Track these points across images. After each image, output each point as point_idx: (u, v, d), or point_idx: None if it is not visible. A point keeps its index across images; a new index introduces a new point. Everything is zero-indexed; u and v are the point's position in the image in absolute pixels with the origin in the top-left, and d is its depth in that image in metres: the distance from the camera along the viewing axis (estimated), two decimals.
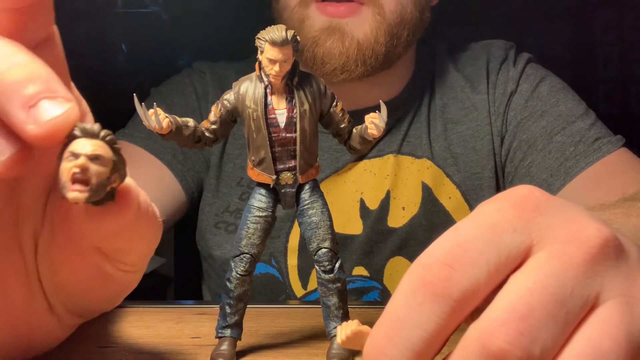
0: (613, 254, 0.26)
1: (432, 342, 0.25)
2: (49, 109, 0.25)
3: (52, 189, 0.34)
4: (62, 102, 0.25)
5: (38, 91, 0.25)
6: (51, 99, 0.25)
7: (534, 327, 0.24)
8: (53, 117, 0.25)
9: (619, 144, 0.70)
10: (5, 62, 0.26)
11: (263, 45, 0.36)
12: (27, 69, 0.25)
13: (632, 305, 0.25)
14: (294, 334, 0.45)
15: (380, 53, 0.69)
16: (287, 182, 0.39)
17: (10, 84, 0.25)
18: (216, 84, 0.80)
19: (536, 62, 0.80)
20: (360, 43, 0.67)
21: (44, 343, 0.39)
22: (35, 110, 0.25)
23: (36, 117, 0.25)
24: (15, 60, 0.26)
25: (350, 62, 0.67)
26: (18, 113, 0.25)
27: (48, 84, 0.25)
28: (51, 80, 0.26)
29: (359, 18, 0.67)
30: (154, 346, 0.43)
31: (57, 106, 0.25)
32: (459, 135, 0.76)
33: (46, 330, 0.38)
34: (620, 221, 0.42)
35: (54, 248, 0.34)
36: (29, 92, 0.25)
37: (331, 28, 0.67)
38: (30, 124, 0.25)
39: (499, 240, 0.26)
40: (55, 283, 0.35)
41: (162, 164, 0.75)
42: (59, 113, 0.25)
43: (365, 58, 0.68)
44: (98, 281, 0.35)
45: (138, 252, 0.34)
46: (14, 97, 0.25)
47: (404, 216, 0.74)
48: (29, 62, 0.26)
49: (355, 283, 0.74)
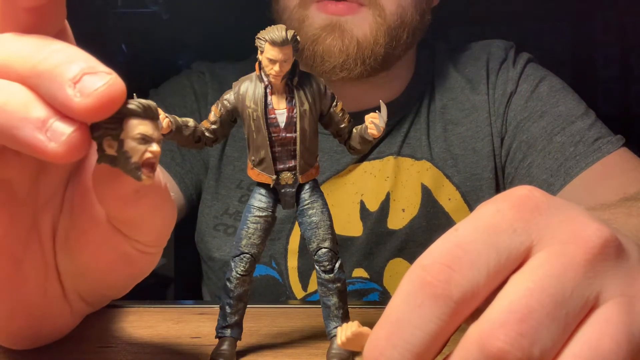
0: (613, 254, 0.26)
1: (432, 343, 0.25)
2: (93, 80, 0.26)
3: (73, 173, 0.34)
4: (104, 75, 0.26)
5: (81, 69, 0.26)
6: (93, 74, 0.26)
7: (533, 328, 0.24)
8: (99, 86, 0.25)
9: (619, 144, 0.70)
10: (43, 50, 0.26)
11: (263, 45, 0.36)
12: (66, 53, 0.26)
13: (632, 305, 0.25)
14: (294, 334, 0.45)
15: (379, 54, 0.69)
16: (287, 182, 0.39)
17: (53, 66, 0.26)
18: (215, 85, 0.80)
19: (536, 62, 0.79)
20: (359, 42, 0.67)
21: (54, 331, 0.40)
22: (80, 85, 0.25)
23: (82, 90, 0.25)
24: (52, 47, 0.27)
25: (350, 60, 0.67)
26: (65, 91, 0.25)
27: (88, 61, 0.26)
28: (89, 59, 0.26)
29: (359, 17, 0.67)
30: (154, 346, 0.43)
31: (100, 78, 0.26)
32: (459, 136, 0.76)
33: (58, 318, 0.39)
34: (621, 221, 0.42)
35: (73, 232, 0.34)
36: (73, 71, 0.26)
37: (331, 26, 0.67)
38: (77, 97, 0.25)
39: (499, 241, 0.26)
40: (74, 268, 0.36)
41: (160, 167, 0.75)
42: (103, 83, 0.26)
43: (365, 58, 0.68)
44: (117, 263, 0.35)
45: (154, 228, 0.34)
46: (58, 78, 0.26)
47: (403, 218, 0.74)
48: (66, 47, 0.27)
49: (355, 285, 0.74)
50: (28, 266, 0.34)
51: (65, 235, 0.35)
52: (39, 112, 0.26)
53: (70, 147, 0.26)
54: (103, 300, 0.44)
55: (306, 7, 0.69)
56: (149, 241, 0.35)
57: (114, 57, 1.22)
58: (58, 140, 0.26)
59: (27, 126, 0.26)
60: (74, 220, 0.34)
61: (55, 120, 0.26)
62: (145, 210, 0.32)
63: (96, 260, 0.35)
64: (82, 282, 0.37)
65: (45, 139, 0.26)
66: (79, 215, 0.34)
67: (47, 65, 0.26)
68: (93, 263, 0.35)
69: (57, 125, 0.26)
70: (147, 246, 0.35)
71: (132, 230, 0.34)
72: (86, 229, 0.34)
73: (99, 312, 0.48)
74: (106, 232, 0.33)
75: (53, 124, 0.26)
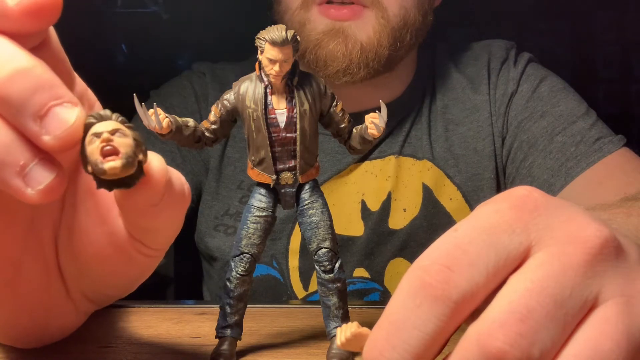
0: (612, 254, 0.26)
1: (432, 344, 0.25)
2: (60, 116, 0.25)
3: (74, 172, 0.34)
4: (70, 107, 0.26)
5: (45, 100, 0.25)
6: (59, 106, 0.25)
7: (533, 328, 0.24)
8: (66, 127, 0.25)
9: (620, 144, 0.70)
10: (6, 68, 0.25)
11: (263, 45, 0.36)
12: (30, 77, 0.25)
13: (631, 305, 0.25)
14: (294, 334, 0.45)
15: (383, 56, 0.68)
16: (287, 182, 0.39)
17: (17, 94, 0.25)
18: (216, 85, 0.80)
19: (537, 62, 0.79)
20: (363, 46, 0.67)
21: (59, 329, 0.40)
22: (47, 120, 0.25)
23: (49, 129, 0.25)
24: (17, 64, 0.26)
25: (353, 65, 0.67)
26: (31, 125, 0.25)
27: (53, 89, 0.25)
28: (55, 85, 0.26)
29: (363, 21, 0.67)
30: (154, 346, 0.43)
31: (67, 112, 0.25)
32: (460, 136, 0.76)
33: (62, 317, 0.39)
34: (621, 221, 0.42)
35: (76, 232, 0.34)
36: (37, 102, 0.25)
37: (334, 31, 0.67)
38: (44, 135, 0.25)
39: (498, 241, 0.26)
40: (76, 269, 0.36)
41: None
42: (71, 121, 0.25)
43: (368, 61, 0.68)
44: (120, 265, 0.35)
45: (164, 233, 0.34)
46: (23, 108, 0.25)
47: (404, 218, 0.74)
48: (32, 67, 0.26)
49: (356, 285, 0.74)
50: (28, 267, 0.34)
51: (68, 235, 0.35)
52: (18, 156, 0.26)
53: (47, 193, 0.26)
54: (107, 299, 0.44)
55: (308, 9, 0.68)
56: (155, 245, 0.35)
57: (114, 57, 1.22)
58: (35, 187, 0.26)
59: (6, 170, 0.26)
60: (76, 220, 0.34)
61: (34, 165, 0.26)
62: (163, 221, 0.32)
63: (98, 261, 0.35)
64: (85, 282, 0.37)
65: (23, 185, 0.26)
66: (81, 214, 0.34)
67: (10, 90, 0.25)
68: (95, 264, 0.35)
69: (36, 172, 0.26)
70: (152, 250, 0.35)
71: (146, 237, 0.34)
72: (89, 229, 0.34)
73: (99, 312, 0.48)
74: (109, 233, 0.33)
75: (31, 169, 0.26)
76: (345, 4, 0.67)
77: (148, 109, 0.37)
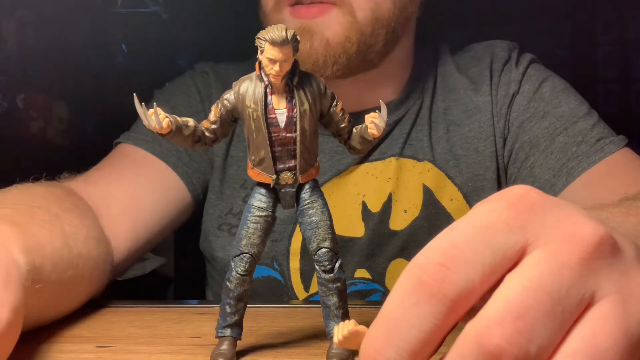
0: (609, 253, 0.26)
1: (428, 342, 0.25)
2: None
3: None
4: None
5: None
6: None
7: (530, 326, 0.24)
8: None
9: (621, 144, 0.70)
10: None
11: (263, 45, 0.36)
12: None
13: (627, 303, 0.25)
14: (294, 334, 0.45)
15: (352, 52, 0.68)
16: (287, 182, 0.39)
17: None
18: (219, 85, 0.80)
19: (539, 63, 0.79)
20: (329, 42, 0.67)
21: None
22: None
23: None
24: None
25: (320, 61, 0.67)
26: None
27: None
28: None
29: (329, 17, 0.67)
30: (154, 346, 0.43)
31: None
32: (462, 137, 0.76)
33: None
34: (619, 220, 0.42)
35: None
36: None
37: (301, 29, 0.67)
38: None
39: (494, 240, 0.26)
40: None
41: (168, 167, 0.75)
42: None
43: (336, 57, 0.68)
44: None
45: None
46: None
47: (405, 219, 0.74)
48: None
49: (357, 285, 0.74)
50: None
51: None
52: None
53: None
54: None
55: (280, 11, 0.69)
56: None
57: (114, 57, 1.22)
58: None
59: None
60: None
61: None
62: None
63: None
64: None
65: None
66: None
67: None
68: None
69: None
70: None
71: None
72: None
73: (99, 312, 0.48)
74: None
75: None
76: (315, 3, 0.67)
77: (149, 109, 0.37)
